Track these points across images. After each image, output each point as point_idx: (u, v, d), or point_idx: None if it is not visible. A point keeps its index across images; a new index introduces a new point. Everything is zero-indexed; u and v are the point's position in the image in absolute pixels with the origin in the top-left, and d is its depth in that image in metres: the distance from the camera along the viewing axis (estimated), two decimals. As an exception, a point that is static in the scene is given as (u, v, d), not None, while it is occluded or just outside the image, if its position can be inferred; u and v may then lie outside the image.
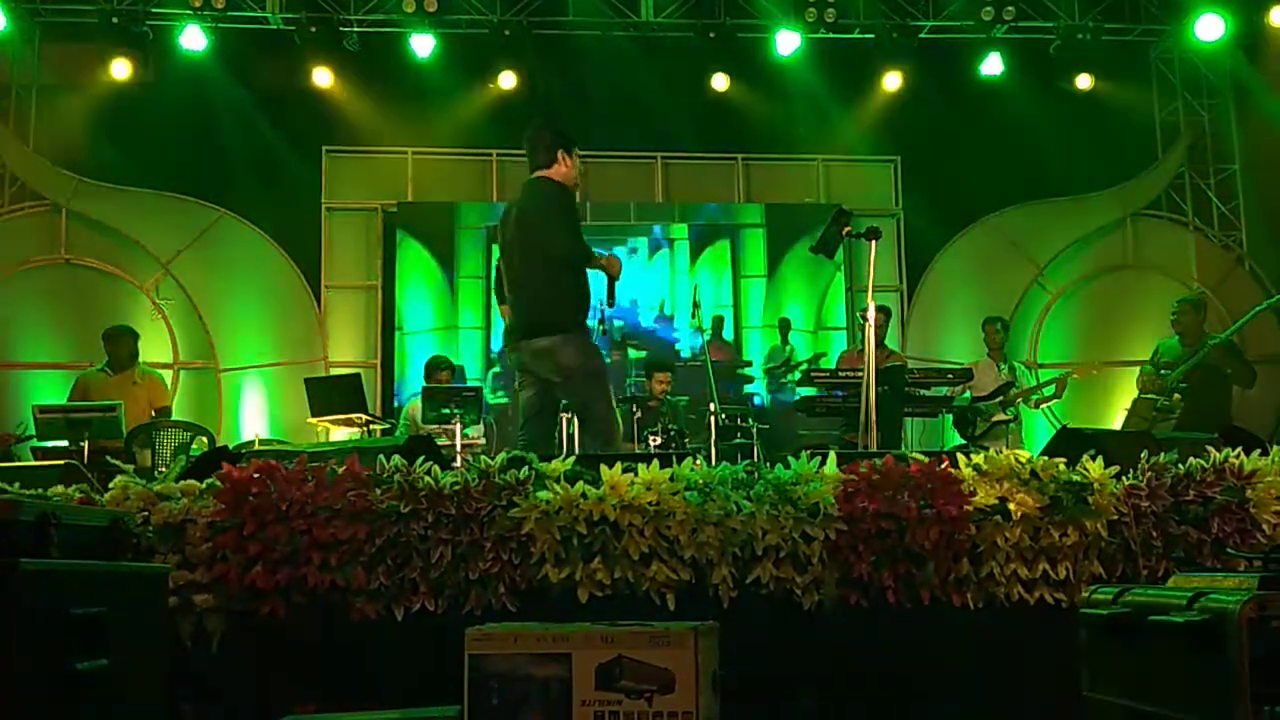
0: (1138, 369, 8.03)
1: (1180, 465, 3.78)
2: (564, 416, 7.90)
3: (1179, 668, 2.31)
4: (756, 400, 9.96)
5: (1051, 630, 3.40)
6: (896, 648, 3.56)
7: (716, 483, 3.61)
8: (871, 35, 9.93)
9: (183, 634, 3.43)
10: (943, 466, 3.68)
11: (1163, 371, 7.43)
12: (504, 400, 9.88)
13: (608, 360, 6.44)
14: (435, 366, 8.36)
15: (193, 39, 9.41)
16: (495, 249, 10.02)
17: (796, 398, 8.16)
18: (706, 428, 7.59)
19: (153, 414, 7.56)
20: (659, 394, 8.31)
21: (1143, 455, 3.82)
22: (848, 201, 9.52)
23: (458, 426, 7.32)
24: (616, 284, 5.04)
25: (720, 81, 10.02)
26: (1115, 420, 8.49)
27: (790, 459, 3.77)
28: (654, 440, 7.48)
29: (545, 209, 5.00)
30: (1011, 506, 3.60)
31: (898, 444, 6.79)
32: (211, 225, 9.87)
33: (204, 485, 3.62)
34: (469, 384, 9.11)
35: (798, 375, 9.96)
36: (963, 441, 7.83)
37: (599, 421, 4.93)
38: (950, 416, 7.89)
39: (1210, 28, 9.65)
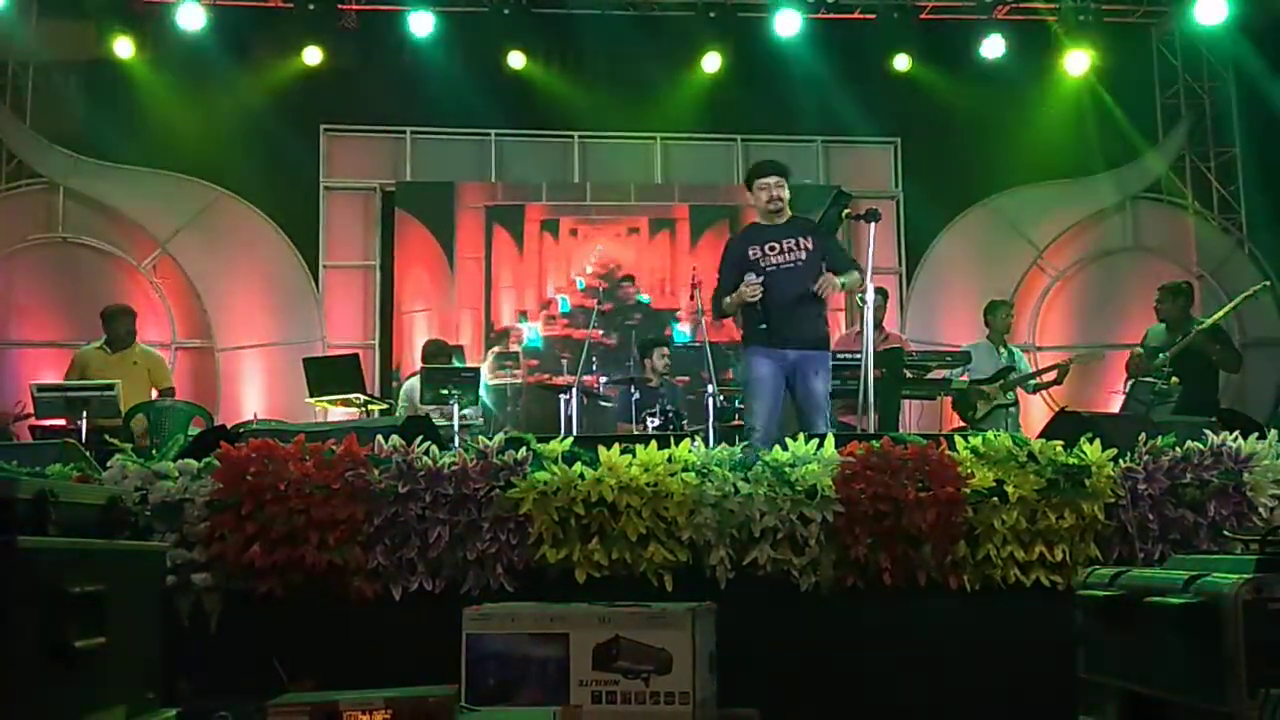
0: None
1: (1177, 449, 3.79)
2: (562, 398, 7.92)
3: (1175, 650, 2.32)
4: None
5: (1048, 612, 3.41)
6: (892, 629, 3.57)
7: (714, 464, 3.61)
8: (872, 16, 9.89)
9: (181, 612, 3.44)
10: (940, 449, 3.68)
11: (1158, 357, 7.43)
12: (502, 381, 9.88)
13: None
14: (433, 353, 8.34)
15: (191, 16, 9.35)
16: (501, 228, 10.06)
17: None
18: (705, 409, 7.57)
19: (155, 394, 7.55)
20: (662, 370, 8.30)
21: (1140, 438, 3.82)
22: (847, 183, 9.49)
23: (455, 407, 7.32)
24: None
25: (720, 62, 9.97)
26: (1113, 404, 8.49)
27: (788, 441, 3.78)
28: (652, 421, 7.47)
29: None
30: (1009, 489, 3.60)
31: (896, 426, 6.79)
32: (210, 204, 9.83)
33: (202, 464, 3.62)
34: (468, 365, 9.08)
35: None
36: (962, 424, 7.83)
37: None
38: (950, 399, 7.88)
39: (1212, 10, 9.60)
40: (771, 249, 5.50)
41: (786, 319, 5.36)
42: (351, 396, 7.62)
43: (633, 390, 7.94)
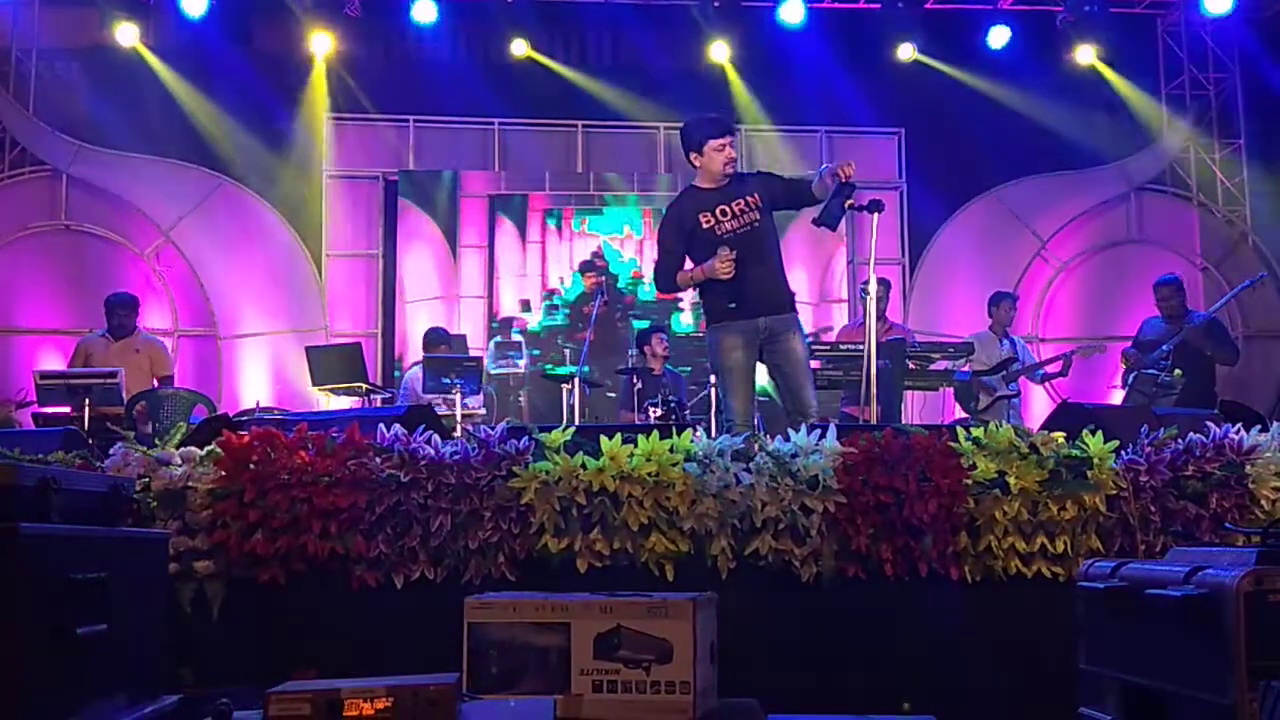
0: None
1: (1180, 441, 3.78)
2: (564, 387, 7.92)
3: (1176, 642, 2.32)
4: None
5: (1049, 604, 3.41)
6: (894, 620, 3.57)
7: (716, 454, 3.61)
8: (877, 5, 9.86)
9: (183, 600, 3.45)
10: (942, 440, 3.68)
11: (1156, 350, 7.43)
12: (505, 370, 9.88)
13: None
14: (434, 341, 8.34)
15: (194, 3, 9.34)
16: (504, 217, 10.06)
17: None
18: (707, 399, 7.58)
19: (155, 382, 7.56)
20: (662, 354, 8.29)
21: (1142, 430, 3.82)
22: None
23: (458, 396, 7.33)
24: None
25: (724, 51, 9.95)
26: (1113, 397, 8.49)
27: (790, 432, 3.77)
28: (654, 411, 7.47)
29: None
30: (1010, 480, 3.60)
31: (898, 417, 6.78)
32: (212, 192, 9.84)
33: (204, 452, 3.62)
34: (470, 354, 9.09)
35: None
36: (964, 415, 7.83)
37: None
38: (952, 390, 7.88)
39: (1218, 1, 9.58)
40: (724, 214, 5.03)
41: (753, 287, 5.03)
42: (354, 385, 7.63)
43: (635, 380, 7.94)
